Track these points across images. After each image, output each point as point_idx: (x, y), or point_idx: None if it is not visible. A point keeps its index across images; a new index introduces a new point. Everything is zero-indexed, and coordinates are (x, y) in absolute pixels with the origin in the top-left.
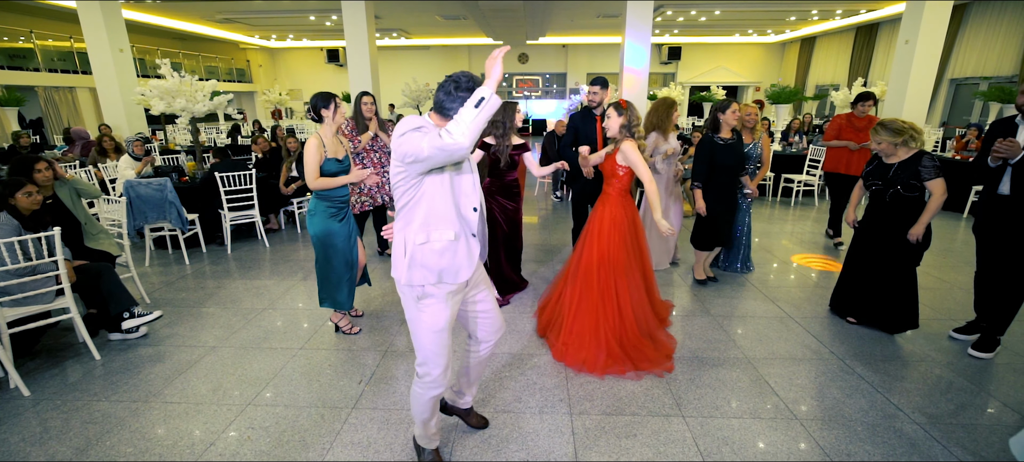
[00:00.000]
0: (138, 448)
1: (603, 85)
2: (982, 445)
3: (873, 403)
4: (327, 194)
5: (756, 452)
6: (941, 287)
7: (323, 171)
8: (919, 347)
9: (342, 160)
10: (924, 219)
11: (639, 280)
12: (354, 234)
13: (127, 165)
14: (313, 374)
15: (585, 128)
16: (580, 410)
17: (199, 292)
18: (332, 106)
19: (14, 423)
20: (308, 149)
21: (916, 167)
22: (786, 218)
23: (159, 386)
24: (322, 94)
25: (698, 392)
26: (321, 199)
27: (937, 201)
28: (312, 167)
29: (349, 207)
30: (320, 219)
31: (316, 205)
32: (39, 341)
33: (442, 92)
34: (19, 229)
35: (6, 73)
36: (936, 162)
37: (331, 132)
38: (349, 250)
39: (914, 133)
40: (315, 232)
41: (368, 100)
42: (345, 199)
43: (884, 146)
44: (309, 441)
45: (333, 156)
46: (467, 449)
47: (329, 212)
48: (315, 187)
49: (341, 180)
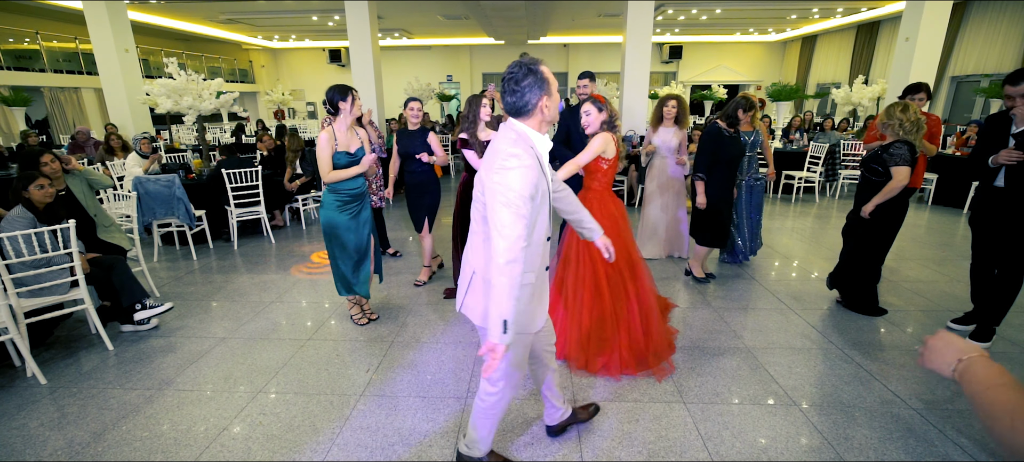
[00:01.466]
0: (153, 433)
1: (591, 78)
2: (977, 429)
3: (871, 390)
4: (337, 186)
5: (756, 437)
6: (941, 279)
7: (335, 164)
8: (917, 337)
9: (353, 153)
10: (875, 200)
11: (643, 275)
12: (365, 226)
13: (135, 162)
14: (321, 364)
15: (576, 124)
16: (583, 398)
17: (207, 286)
18: (350, 98)
19: (33, 409)
20: (320, 145)
21: (888, 152)
22: (787, 214)
23: (171, 375)
24: (339, 87)
25: (699, 380)
26: (331, 191)
27: (890, 186)
28: (325, 161)
29: (364, 199)
30: (328, 211)
31: (326, 197)
32: (53, 332)
33: (509, 96)
34: (34, 222)
35: (12, 74)
36: (907, 153)
37: (346, 125)
38: (357, 242)
39: (918, 124)
40: (323, 223)
41: (355, 94)
42: (355, 192)
43: (888, 131)
44: (319, 426)
45: (344, 149)
46: None
47: (337, 203)
48: (328, 180)
49: (352, 171)
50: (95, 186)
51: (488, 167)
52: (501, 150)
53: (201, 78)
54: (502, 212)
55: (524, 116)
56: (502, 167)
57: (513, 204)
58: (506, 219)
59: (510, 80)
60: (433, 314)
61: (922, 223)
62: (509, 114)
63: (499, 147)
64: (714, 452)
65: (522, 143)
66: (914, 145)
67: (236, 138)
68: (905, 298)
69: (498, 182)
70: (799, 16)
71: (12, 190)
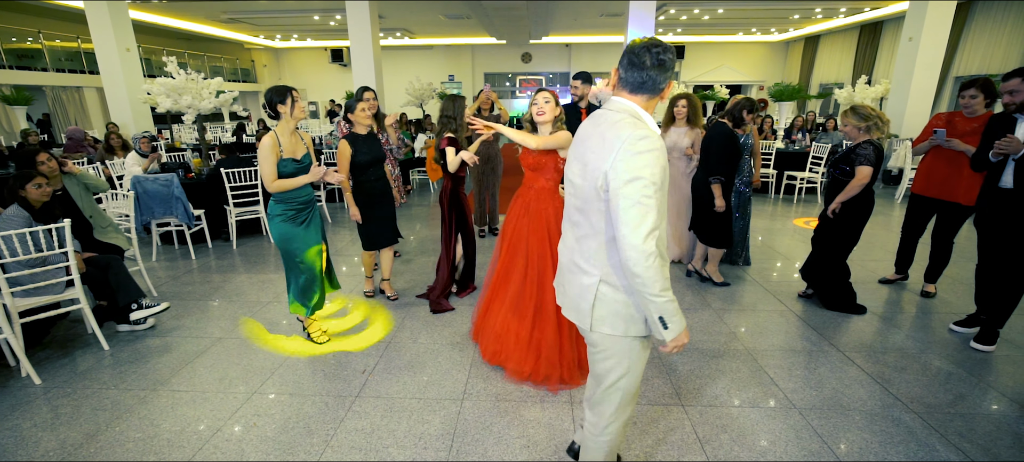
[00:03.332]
0: (146, 434)
1: (586, 79)
2: (979, 434)
3: (871, 393)
4: (286, 196)
5: (754, 439)
6: (942, 281)
7: (280, 172)
8: (919, 340)
9: (301, 160)
10: (839, 198)
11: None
12: (317, 233)
13: (134, 161)
14: (317, 365)
15: (568, 122)
16: (581, 398)
17: (205, 286)
18: (288, 101)
19: (26, 410)
20: (262, 151)
21: (854, 152)
22: (789, 215)
23: (166, 375)
24: (277, 88)
25: (697, 382)
26: (280, 202)
27: (852, 184)
28: (269, 169)
29: (313, 207)
30: (279, 223)
31: (274, 208)
32: (49, 332)
33: (632, 70)
34: (30, 221)
35: (15, 73)
36: (872, 154)
37: (289, 129)
38: (308, 257)
39: (879, 122)
40: (277, 236)
41: (369, 96)
42: (305, 199)
43: (849, 129)
44: (313, 427)
45: (290, 156)
46: (468, 437)
47: (288, 214)
48: (274, 190)
49: (300, 180)
50: (92, 188)
51: (600, 154)
52: (624, 133)
53: (201, 77)
54: (629, 212)
55: (647, 94)
56: (632, 151)
57: (646, 193)
58: (635, 221)
59: (649, 51)
60: (430, 315)
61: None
62: (629, 90)
63: (618, 131)
64: (712, 454)
65: (648, 123)
66: (880, 146)
67: (237, 137)
68: (907, 300)
69: (624, 170)
70: (801, 16)
71: (8, 189)
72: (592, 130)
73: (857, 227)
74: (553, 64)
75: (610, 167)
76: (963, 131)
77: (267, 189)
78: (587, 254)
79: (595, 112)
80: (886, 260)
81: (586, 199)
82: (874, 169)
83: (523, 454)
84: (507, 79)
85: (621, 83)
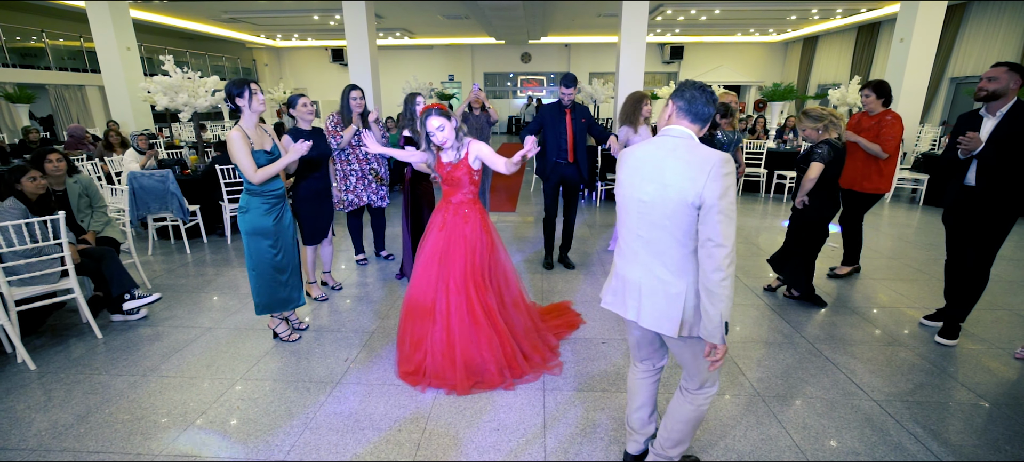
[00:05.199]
0: (135, 415)
1: (571, 83)
2: (933, 419)
3: (835, 382)
4: (263, 189)
5: (716, 424)
6: (919, 278)
7: (256, 164)
8: (889, 333)
9: (271, 151)
10: (799, 194)
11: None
12: (289, 229)
13: (132, 158)
14: (302, 353)
15: (553, 121)
16: (553, 386)
17: (199, 279)
18: (247, 94)
19: (20, 393)
20: (234, 146)
21: (813, 151)
22: (778, 213)
23: (156, 362)
24: (235, 81)
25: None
26: (254, 195)
27: (806, 178)
28: (248, 161)
29: (285, 201)
30: (253, 216)
31: (248, 201)
32: (45, 321)
33: (695, 103)
34: (26, 213)
35: (18, 71)
36: (826, 152)
37: (254, 122)
38: (284, 250)
39: (833, 120)
40: (247, 230)
41: (357, 94)
42: (279, 193)
43: (809, 132)
44: (294, 410)
45: (260, 148)
46: (442, 421)
47: (263, 208)
48: (258, 180)
49: (282, 162)
50: (92, 199)
51: (686, 175)
52: (709, 157)
53: (198, 76)
54: (724, 223)
55: (702, 125)
56: (722, 173)
57: (731, 212)
58: (728, 229)
59: (702, 89)
60: None
61: (912, 223)
62: (692, 120)
63: (697, 154)
64: None
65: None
66: (839, 144)
67: None
68: (884, 295)
69: (715, 191)
70: (799, 17)
71: (4, 182)
72: (664, 154)
73: (823, 224)
74: (552, 64)
75: (705, 186)
76: (865, 127)
77: (251, 181)
78: (671, 266)
79: (655, 138)
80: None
81: (667, 214)
82: (827, 166)
83: (492, 437)
84: (507, 79)
85: (680, 113)
